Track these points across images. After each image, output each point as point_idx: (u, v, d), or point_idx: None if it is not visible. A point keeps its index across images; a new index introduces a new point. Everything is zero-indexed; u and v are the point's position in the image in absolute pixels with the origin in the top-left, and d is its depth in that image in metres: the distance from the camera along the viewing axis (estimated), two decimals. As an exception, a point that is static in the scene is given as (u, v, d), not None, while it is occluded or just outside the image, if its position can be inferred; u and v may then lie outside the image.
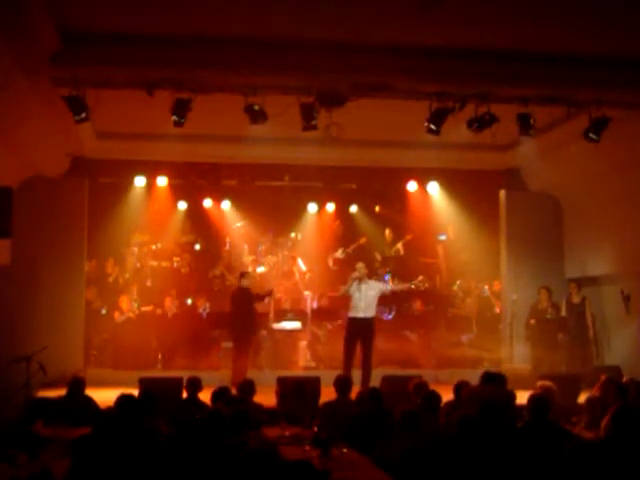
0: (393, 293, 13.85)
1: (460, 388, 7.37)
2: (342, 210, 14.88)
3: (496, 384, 7.33)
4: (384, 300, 13.75)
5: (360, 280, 10.64)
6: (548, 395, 6.20)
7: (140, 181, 12.94)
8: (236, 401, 6.56)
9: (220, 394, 6.85)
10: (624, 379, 7.83)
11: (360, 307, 10.59)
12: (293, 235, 14.70)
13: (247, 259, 14.29)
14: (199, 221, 14.53)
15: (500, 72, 8.41)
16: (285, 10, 7.33)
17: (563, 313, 11.93)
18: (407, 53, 8.17)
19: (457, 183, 13.25)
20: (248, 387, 7.19)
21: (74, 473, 4.30)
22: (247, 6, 7.25)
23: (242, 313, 11.34)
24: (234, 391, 7.47)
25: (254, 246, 14.52)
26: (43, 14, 7.21)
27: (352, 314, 10.67)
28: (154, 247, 13.81)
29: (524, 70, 8.38)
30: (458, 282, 13.91)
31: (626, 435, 4.63)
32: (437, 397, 6.38)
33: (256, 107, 8.62)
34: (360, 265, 10.93)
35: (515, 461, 5.11)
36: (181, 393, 8.00)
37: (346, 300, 10.97)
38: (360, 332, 10.59)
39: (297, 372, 11.82)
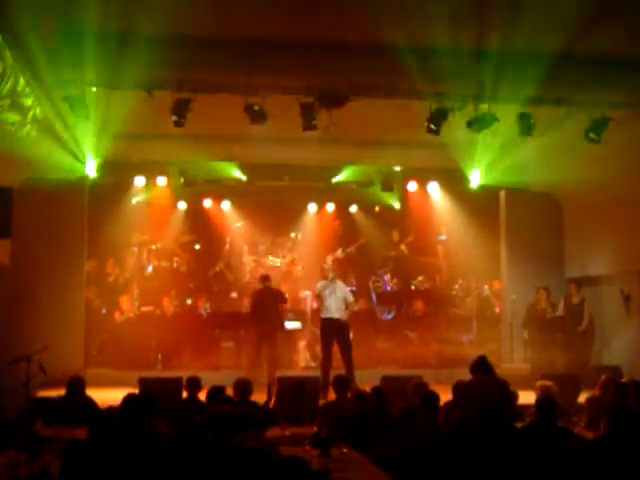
0: (393, 293, 13.94)
1: (459, 388, 7.38)
2: (342, 210, 14.89)
3: (484, 370, 7.38)
4: (384, 300, 13.84)
5: (332, 279, 10.69)
6: (553, 396, 6.21)
7: (140, 181, 12.95)
8: (232, 401, 6.57)
9: (215, 394, 6.85)
10: (624, 379, 7.83)
11: (332, 307, 10.61)
12: (293, 235, 14.71)
13: (247, 259, 14.30)
14: (199, 221, 14.54)
15: (501, 72, 8.41)
16: (285, 10, 7.33)
17: (560, 312, 11.93)
18: (407, 53, 8.16)
19: (457, 183, 13.26)
20: (245, 387, 7.16)
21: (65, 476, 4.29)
22: (247, 6, 7.26)
23: (268, 310, 11.37)
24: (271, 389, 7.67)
25: (254, 246, 14.53)
26: (43, 14, 7.21)
27: (324, 315, 10.68)
28: (154, 247, 13.81)
29: (525, 70, 8.38)
30: (460, 282, 13.91)
31: (622, 434, 4.64)
32: (435, 397, 6.37)
33: (256, 107, 8.63)
34: (327, 265, 11.02)
35: (517, 461, 5.11)
36: (181, 393, 8.00)
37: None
38: (334, 332, 10.59)
39: (297, 372, 11.82)
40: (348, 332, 10.66)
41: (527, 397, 7.67)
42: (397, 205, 14.63)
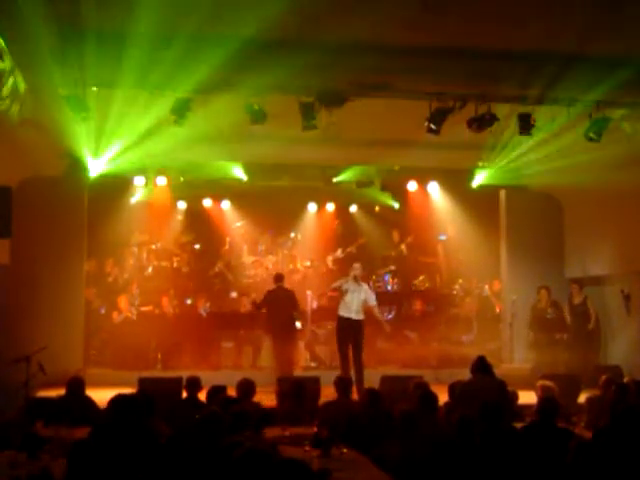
0: (393, 293, 13.95)
1: (455, 388, 7.38)
2: (342, 210, 14.89)
3: (483, 370, 7.37)
4: (384, 300, 13.83)
5: (356, 280, 10.66)
6: (554, 396, 6.21)
7: (140, 181, 12.94)
8: (232, 401, 6.57)
9: (215, 394, 6.85)
10: (625, 379, 7.83)
11: (352, 307, 10.54)
12: (293, 235, 14.72)
13: (247, 259, 14.30)
14: (199, 221, 14.54)
15: (500, 72, 8.41)
16: (285, 10, 7.32)
17: (566, 314, 11.93)
18: (407, 53, 8.16)
19: (457, 183, 13.26)
20: (248, 387, 7.16)
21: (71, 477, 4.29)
22: (247, 6, 7.25)
23: (280, 310, 11.35)
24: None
25: (254, 246, 14.53)
26: (43, 13, 7.20)
27: (344, 313, 10.59)
28: (154, 247, 13.80)
29: (524, 70, 8.38)
30: (460, 282, 13.91)
31: (624, 433, 4.64)
32: (434, 397, 6.37)
33: (256, 107, 8.63)
34: (357, 265, 11.00)
35: (517, 462, 5.10)
36: (181, 393, 8.00)
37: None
38: (351, 332, 10.55)
39: (297, 372, 11.81)
40: (363, 335, 10.64)
41: (527, 397, 7.69)
42: (397, 205, 14.63)
